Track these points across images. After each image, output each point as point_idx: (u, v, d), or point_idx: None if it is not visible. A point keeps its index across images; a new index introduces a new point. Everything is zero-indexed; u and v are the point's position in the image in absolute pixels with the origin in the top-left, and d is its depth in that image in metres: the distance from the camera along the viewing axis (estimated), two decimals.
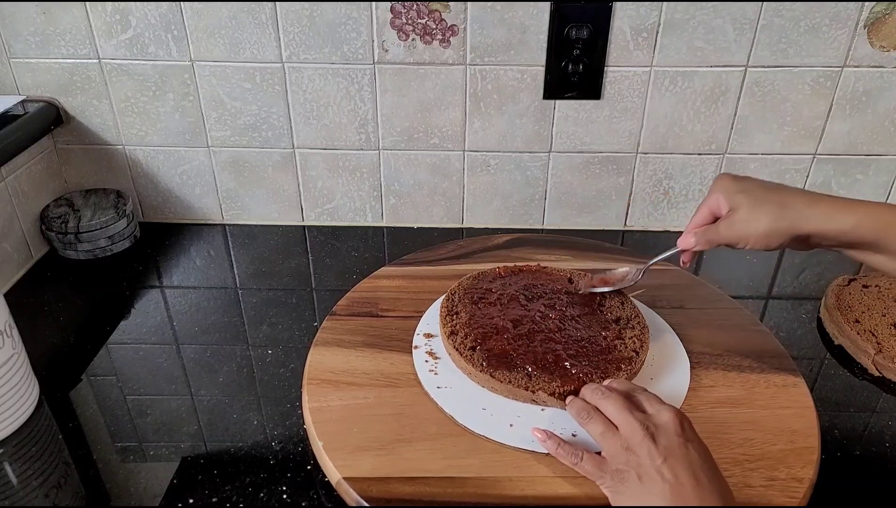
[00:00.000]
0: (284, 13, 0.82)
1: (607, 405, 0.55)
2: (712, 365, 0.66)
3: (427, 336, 0.70)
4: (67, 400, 0.67)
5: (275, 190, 0.96)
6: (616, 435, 0.52)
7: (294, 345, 0.74)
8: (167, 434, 0.63)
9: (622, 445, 0.52)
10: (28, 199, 0.88)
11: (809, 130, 0.89)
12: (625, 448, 0.51)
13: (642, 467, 0.49)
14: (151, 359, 0.72)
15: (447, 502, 0.52)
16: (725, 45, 0.83)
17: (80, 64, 0.86)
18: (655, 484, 0.48)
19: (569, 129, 0.90)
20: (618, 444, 0.52)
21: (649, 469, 0.49)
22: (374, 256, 0.91)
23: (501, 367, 0.61)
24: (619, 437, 0.52)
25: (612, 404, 0.54)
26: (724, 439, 0.57)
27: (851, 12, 0.81)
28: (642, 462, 0.50)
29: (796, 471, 0.55)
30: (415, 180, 0.94)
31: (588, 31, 0.82)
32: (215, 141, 0.92)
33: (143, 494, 0.57)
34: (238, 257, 0.91)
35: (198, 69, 0.86)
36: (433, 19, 0.82)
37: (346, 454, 0.56)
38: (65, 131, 0.91)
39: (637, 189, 0.94)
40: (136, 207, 0.97)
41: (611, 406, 0.54)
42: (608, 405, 0.55)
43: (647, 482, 0.49)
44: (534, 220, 0.97)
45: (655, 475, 0.49)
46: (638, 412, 0.53)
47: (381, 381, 0.64)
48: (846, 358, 0.72)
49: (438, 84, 0.87)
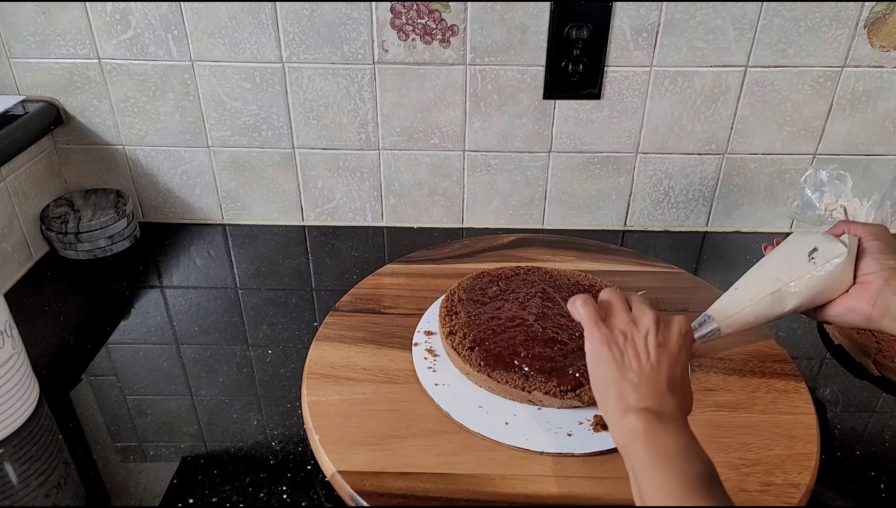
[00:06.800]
0: (284, 13, 0.82)
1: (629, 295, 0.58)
2: (713, 369, 0.66)
3: (427, 334, 0.70)
4: (67, 400, 0.67)
5: (275, 190, 0.96)
6: (627, 310, 0.55)
7: (294, 345, 0.74)
8: (167, 434, 0.63)
9: (629, 317, 0.54)
10: (28, 199, 0.88)
11: (809, 130, 0.89)
12: (630, 319, 0.54)
13: (636, 340, 0.52)
14: (151, 359, 0.72)
15: (439, 497, 0.53)
16: (725, 45, 0.83)
17: (80, 64, 0.86)
18: (638, 359, 0.51)
19: (569, 129, 0.90)
20: (625, 314, 0.55)
21: (639, 344, 0.52)
22: (374, 256, 0.91)
23: (499, 367, 0.62)
24: (629, 313, 0.55)
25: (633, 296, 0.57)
26: (722, 442, 0.57)
27: (851, 12, 0.81)
28: (637, 338, 0.52)
29: (793, 477, 0.55)
30: (415, 180, 0.94)
31: (588, 31, 0.82)
32: (215, 141, 0.92)
33: (143, 494, 0.57)
34: (238, 257, 0.91)
35: (198, 69, 0.87)
36: (433, 19, 0.82)
37: (342, 448, 0.57)
38: (65, 131, 0.91)
39: (637, 189, 0.94)
40: (136, 207, 0.97)
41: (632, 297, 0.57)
42: (630, 295, 0.58)
43: (630, 351, 0.52)
44: (534, 220, 0.97)
45: (642, 351, 0.52)
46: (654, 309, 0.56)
47: (379, 377, 0.64)
48: (846, 358, 0.72)
49: (438, 84, 0.87)
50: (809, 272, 0.61)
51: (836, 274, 0.61)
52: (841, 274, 0.61)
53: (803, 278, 0.61)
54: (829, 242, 0.62)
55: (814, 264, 0.61)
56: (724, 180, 0.93)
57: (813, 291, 0.61)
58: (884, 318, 0.59)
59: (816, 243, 0.62)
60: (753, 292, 0.64)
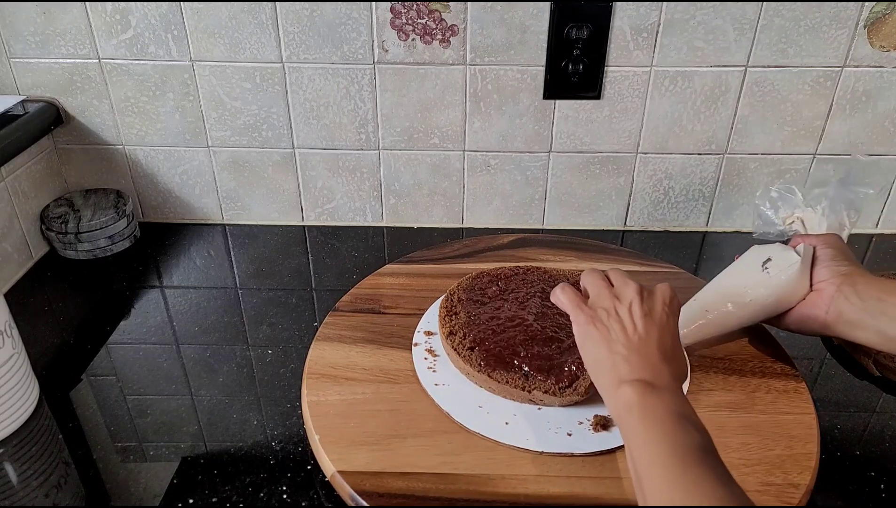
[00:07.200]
0: (284, 13, 0.82)
1: (609, 272, 0.58)
2: (713, 369, 0.66)
3: (427, 334, 0.70)
4: (67, 400, 0.67)
5: (275, 190, 0.96)
6: (609, 287, 0.56)
7: (294, 345, 0.74)
8: (167, 434, 0.63)
9: (611, 293, 0.55)
10: (28, 199, 0.88)
11: (809, 130, 0.89)
12: (613, 295, 0.54)
13: (620, 313, 0.53)
14: (151, 359, 0.72)
15: (439, 497, 0.53)
16: (725, 45, 0.83)
17: (80, 64, 0.86)
18: (624, 331, 0.51)
19: (569, 129, 0.90)
20: (606, 291, 0.55)
21: (624, 316, 0.52)
22: (374, 256, 0.91)
23: (499, 367, 0.61)
24: (611, 289, 0.55)
25: (613, 271, 0.58)
26: (721, 442, 0.57)
27: (851, 12, 0.81)
28: (621, 311, 0.53)
29: (793, 477, 0.54)
30: (415, 180, 0.94)
31: (588, 31, 0.82)
32: (215, 141, 0.92)
33: (143, 494, 0.57)
34: (238, 257, 0.91)
35: (198, 69, 0.87)
36: (433, 19, 0.82)
37: (342, 448, 0.57)
38: (65, 131, 0.91)
39: (637, 189, 0.94)
40: (136, 207, 0.97)
41: (611, 272, 0.58)
42: (610, 272, 0.58)
43: (615, 325, 0.52)
44: (534, 220, 0.97)
45: (628, 323, 0.52)
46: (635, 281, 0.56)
47: (379, 377, 0.64)
48: (846, 358, 0.72)
49: (438, 84, 0.87)
50: (763, 283, 0.63)
51: (791, 283, 0.62)
52: (795, 283, 0.62)
53: (757, 288, 0.63)
54: (783, 251, 0.64)
55: (767, 275, 0.63)
56: (724, 180, 0.93)
57: (767, 300, 0.63)
58: (837, 324, 0.60)
59: (770, 254, 0.64)
60: (710, 304, 0.66)
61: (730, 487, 0.42)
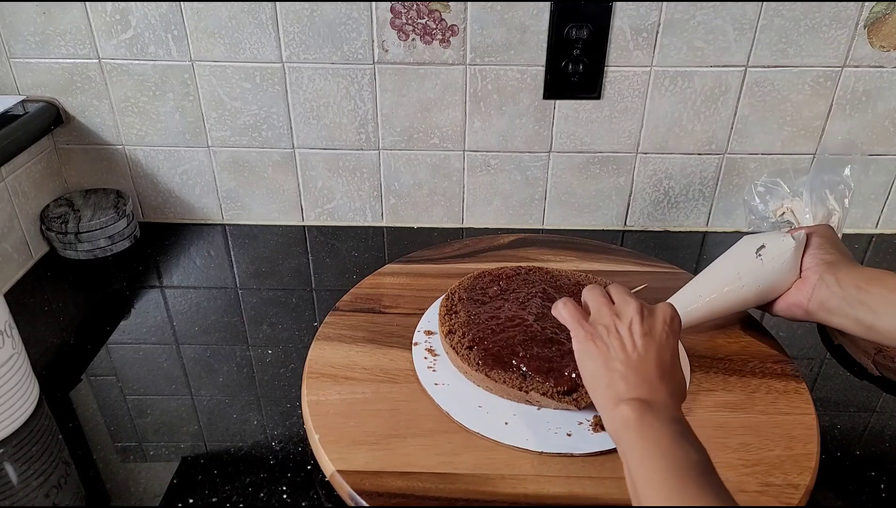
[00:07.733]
0: (284, 13, 0.82)
1: (610, 288, 0.58)
2: (713, 369, 0.66)
3: (427, 333, 0.70)
4: (67, 400, 0.67)
5: (275, 190, 0.96)
6: (609, 305, 0.55)
7: (294, 345, 0.74)
8: (167, 434, 0.63)
9: (612, 310, 0.54)
10: (28, 199, 0.88)
11: (809, 130, 0.89)
12: (613, 313, 0.54)
13: (620, 331, 0.52)
14: (151, 359, 0.72)
15: (439, 497, 0.53)
16: (725, 45, 0.83)
17: (80, 64, 0.86)
18: (623, 349, 0.51)
19: (569, 129, 0.90)
20: (607, 309, 0.55)
21: (624, 335, 0.52)
22: (374, 256, 0.91)
23: (497, 367, 0.61)
24: (612, 307, 0.55)
25: (614, 288, 0.58)
26: (721, 443, 0.57)
27: (851, 12, 0.81)
28: (621, 329, 0.53)
29: (792, 477, 0.54)
30: (415, 180, 0.94)
31: (588, 31, 0.82)
32: (215, 141, 0.92)
33: (143, 494, 0.57)
34: (238, 257, 0.91)
35: (198, 69, 0.87)
36: (433, 19, 0.83)
37: (342, 447, 0.57)
38: (65, 131, 0.91)
39: (637, 189, 0.94)
40: (136, 207, 0.97)
41: (613, 289, 0.58)
42: (611, 288, 0.58)
43: (615, 343, 0.52)
44: (534, 220, 0.97)
45: (628, 341, 0.52)
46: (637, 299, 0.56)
47: (379, 376, 0.64)
48: (846, 358, 0.72)
49: (438, 84, 0.87)
50: (756, 269, 0.64)
51: (783, 269, 0.63)
52: (787, 269, 0.63)
53: (750, 274, 0.64)
54: (777, 238, 0.65)
55: (761, 261, 0.64)
56: (724, 180, 0.93)
57: (760, 286, 0.64)
58: (819, 311, 0.61)
59: (764, 241, 0.65)
60: (704, 289, 0.67)
61: (728, 505, 0.42)
